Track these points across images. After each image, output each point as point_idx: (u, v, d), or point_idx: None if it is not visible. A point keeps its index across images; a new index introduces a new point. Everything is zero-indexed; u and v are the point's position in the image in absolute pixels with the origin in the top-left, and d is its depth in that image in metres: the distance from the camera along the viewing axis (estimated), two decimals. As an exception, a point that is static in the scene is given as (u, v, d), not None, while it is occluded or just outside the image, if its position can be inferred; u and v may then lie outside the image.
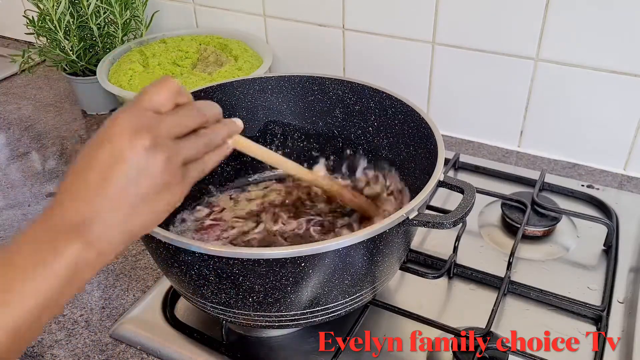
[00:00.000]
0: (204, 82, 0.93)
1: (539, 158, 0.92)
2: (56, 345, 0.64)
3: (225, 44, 1.06)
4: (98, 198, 0.39)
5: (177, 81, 0.44)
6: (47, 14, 1.00)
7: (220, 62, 1.03)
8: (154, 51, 1.04)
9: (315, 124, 0.77)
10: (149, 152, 0.40)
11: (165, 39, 1.09)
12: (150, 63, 1.02)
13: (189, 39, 1.08)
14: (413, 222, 0.51)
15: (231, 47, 1.04)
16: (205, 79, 0.96)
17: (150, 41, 1.09)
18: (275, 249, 0.48)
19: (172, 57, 1.03)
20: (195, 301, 0.58)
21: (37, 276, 0.38)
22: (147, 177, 0.40)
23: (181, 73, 1.00)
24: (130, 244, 0.44)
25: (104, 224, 0.40)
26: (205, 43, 1.07)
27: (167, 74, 0.99)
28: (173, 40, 1.08)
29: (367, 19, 0.95)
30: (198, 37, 1.09)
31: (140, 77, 0.98)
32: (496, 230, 0.78)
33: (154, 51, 1.04)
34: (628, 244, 0.74)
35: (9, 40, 1.45)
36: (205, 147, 0.45)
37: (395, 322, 0.65)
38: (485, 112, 0.94)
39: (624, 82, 0.81)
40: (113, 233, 0.40)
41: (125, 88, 0.96)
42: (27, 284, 0.38)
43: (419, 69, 0.95)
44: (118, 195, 0.40)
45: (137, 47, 1.07)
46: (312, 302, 0.54)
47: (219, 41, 1.07)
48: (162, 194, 0.41)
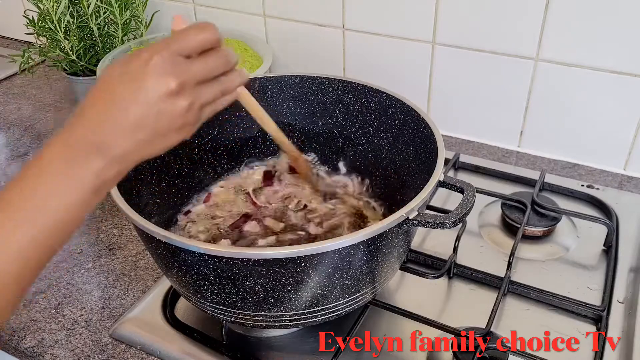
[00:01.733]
0: None
1: (539, 158, 0.92)
2: (56, 345, 0.64)
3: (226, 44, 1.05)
4: (121, 127, 0.42)
5: (216, 29, 0.45)
6: (47, 14, 1.00)
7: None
8: None
9: (315, 124, 0.77)
10: (173, 97, 0.42)
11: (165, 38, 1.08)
12: None
13: None
14: (413, 222, 0.51)
15: (231, 47, 1.04)
16: None
17: (151, 41, 1.08)
18: (275, 249, 0.48)
19: None
20: (195, 301, 0.58)
21: (69, 187, 0.41)
22: (167, 117, 0.43)
23: None
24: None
25: (123, 149, 0.42)
26: None
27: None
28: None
29: (367, 19, 0.95)
30: None
31: None
32: (496, 230, 0.78)
33: None
34: (628, 244, 0.74)
35: (9, 40, 1.45)
36: (221, 93, 0.47)
37: (395, 322, 0.65)
38: (485, 112, 0.94)
39: (624, 82, 0.81)
40: (129, 157, 0.43)
41: None
42: (59, 195, 0.41)
43: (419, 69, 0.95)
44: (139, 129, 0.42)
45: (137, 47, 1.07)
46: (312, 302, 0.54)
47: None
48: (177, 132, 0.45)
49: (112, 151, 0.42)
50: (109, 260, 0.75)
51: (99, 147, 0.41)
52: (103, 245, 0.78)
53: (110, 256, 0.76)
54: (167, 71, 0.42)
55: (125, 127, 0.42)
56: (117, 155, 0.42)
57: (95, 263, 0.75)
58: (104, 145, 0.41)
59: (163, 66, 0.42)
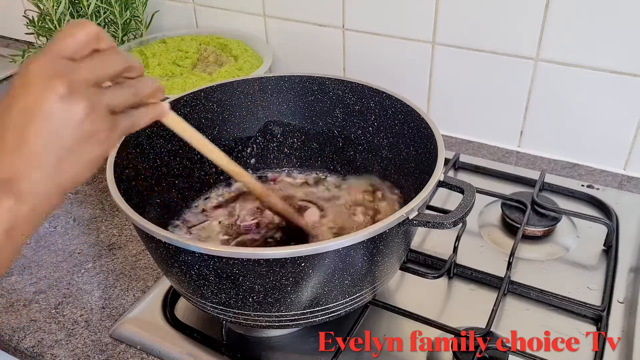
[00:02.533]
0: (204, 82, 0.92)
1: (539, 158, 0.92)
2: (56, 345, 0.64)
3: (225, 44, 1.05)
4: (20, 157, 0.37)
5: (94, 24, 0.40)
6: (47, 14, 1.00)
7: (220, 62, 1.03)
8: (154, 51, 1.04)
9: (315, 124, 0.77)
10: (65, 100, 0.37)
11: (165, 39, 1.09)
12: (150, 63, 1.01)
13: (189, 39, 1.08)
14: (413, 222, 0.51)
15: (231, 47, 1.04)
16: (205, 78, 0.95)
17: (151, 41, 1.09)
18: (275, 249, 0.48)
19: (172, 57, 1.03)
20: (195, 301, 0.58)
21: None
22: (67, 127, 0.38)
23: (181, 73, 1.00)
24: (65, 194, 0.43)
25: (31, 180, 0.38)
26: (205, 43, 1.07)
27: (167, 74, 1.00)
28: (173, 41, 1.08)
29: (367, 19, 0.95)
30: (198, 37, 1.09)
31: None
32: (496, 230, 0.78)
33: (154, 51, 1.04)
34: (628, 243, 0.74)
35: (9, 40, 1.45)
36: (133, 97, 0.42)
37: (395, 322, 0.65)
38: (485, 112, 0.94)
39: (624, 82, 0.81)
40: (42, 188, 0.38)
41: None
42: None
43: (419, 69, 0.95)
44: (40, 150, 0.37)
45: (137, 47, 1.07)
46: (312, 302, 0.54)
47: (219, 41, 1.07)
48: (89, 144, 0.39)
49: (18, 185, 0.37)
50: (109, 260, 0.75)
51: (5, 184, 0.37)
52: (103, 245, 0.78)
53: (110, 256, 0.76)
54: (50, 74, 0.37)
55: (24, 152, 0.37)
56: (25, 189, 0.37)
57: (95, 263, 0.75)
58: (10, 181, 0.37)
59: (44, 70, 0.37)
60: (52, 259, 0.76)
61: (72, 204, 0.86)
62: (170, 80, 0.96)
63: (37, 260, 0.76)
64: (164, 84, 0.94)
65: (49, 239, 0.79)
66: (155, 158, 0.69)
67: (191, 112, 0.72)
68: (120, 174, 0.60)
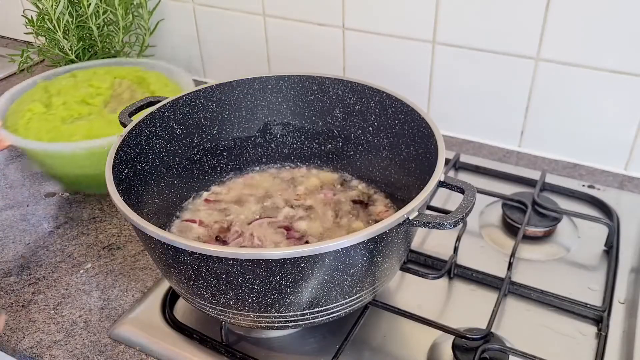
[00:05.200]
0: (113, 127, 0.81)
1: (540, 158, 0.92)
2: (55, 346, 0.64)
3: (144, 78, 0.93)
4: None
5: None
6: (46, 13, 1.00)
7: (135, 98, 0.90)
8: (61, 87, 0.91)
9: (315, 123, 0.77)
10: None
11: (76, 72, 0.96)
12: (53, 102, 0.88)
13: (103, 72, 0.96)
14: (413, 223, 0.51)
15: (150, 81, 0.92)
16: (113, 121, 0.82)
17: (61, 73, 0.96)
18: (275, 250, 0.48)
19: (82, 94, 0.90)
20: (194, 302, 0.57)
21: None
22: None
23: (90, 113, 0.87)
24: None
25: None
26: (120, 77, 0.95)
27: (72, 115, 0.87)
28: (84, 74, 0.95)
29: (367, 19, 0.95)
30: (114, 69, 0.97)
31: (39, 119, 0.83)
32: (497, 231, 0.78)
33: (60, 87, 0.91)
34: (629, 244, 0.74)
35: (7, 40, 1.44)
36: None
37: (395, 322, 0.65)
38: (486, 111, 0.94)
39: (624, 82, 0.81)
40: None
41: (20, 133, 0.81)
42: None
43: (419, 68, 0.95)
44: None
45: (43, 81, 0.94)
46: (311, 303, 0.54)
47: (136, 74, 0.95)
48: None
49: None
50: (108, 261, 0.75)
51: None
52: (102, 246, 0.78)
53: (109, 257, 0.76)
54: None
55: None
56: None
57: (94, 263, 0.75)
58: None
59: None
60: (51, 259, 0.76)
61: (70, 204, 0.86)
62: (74, 124, 0.83)
63: (35, 261, 0.76)
64: (64, 129, 0.81)
65: (48, 239, 0.79)
66: (154, 158, 0.68)
67: (190, 112, 0.72)
68: (119, 174, 0.60)
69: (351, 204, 0.73)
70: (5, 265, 0.75)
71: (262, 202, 0.74)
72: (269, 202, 0.73)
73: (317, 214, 0.71)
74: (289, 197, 0.74)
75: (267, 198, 0.74)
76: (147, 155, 0.67)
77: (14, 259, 0.76)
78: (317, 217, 0.71)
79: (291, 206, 0.72)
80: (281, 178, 0.78)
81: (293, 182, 0.77)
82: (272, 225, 0.70)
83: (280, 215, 0.71)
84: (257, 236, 0.68)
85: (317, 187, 0.76)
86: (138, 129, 0.66)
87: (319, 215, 0.71)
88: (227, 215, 0.72)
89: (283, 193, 0.75)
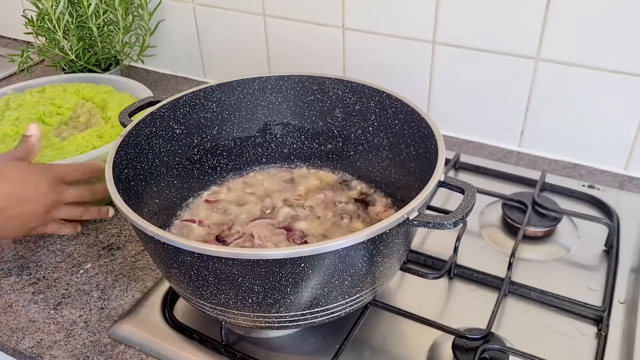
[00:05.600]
0: (54, 152, 0.79)
1: (540, 158, 0.92)
2: (55, 346, 0.64)
3: (107, 101, 0.91)
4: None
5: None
6: (46, 13, 1.00)
7: (89, 124, 0.88)
8: (22, 102, 0.89)
9: (315, 123, 0.77)
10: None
11: (46, 86, 0.95)
12: (6, 116, 0.86)
13: (73, 89, 0.94)
14: (413, 223, 0.51)
15: (111, 106, 0.89)
16: (53, 146, 0.81)
17: (35, 86, 0.95)
18: (275, 250, 0.48)
19: (40, 111, 0.87)
20: (194, 302, 0.57)
21: None
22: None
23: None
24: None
25: None
26: (88, 98, 0.93)
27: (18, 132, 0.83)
28: (53, 90, 0.93)
29: (367, 19, 0.95)
30: (85, 87, 0.94)
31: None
32: (497, 231, 0.78)
33: (21, 102, 0.89)
34: (629, 244, 0.74)
35: (7, 40, 1.44)
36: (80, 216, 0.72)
37: (395, 322, 0.65)
38: (486, 112, 0.94)
39: (624, 82, 0.81)
40: None
41: None
42: None
43: (419, 68, 0.95)
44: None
45: (13, 92, 0.94)
46: (311, 303, 0.54)
47: (103, 96, 0.92)
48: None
49: None
50: (108, 261, 0.75)
51: None
52: (102, 246, 0.78)
53: (109, 256, 0.76)
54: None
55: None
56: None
57: (94, 263, 0.75)
58: None
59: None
60: (51, 259, 0.76)
61: (71, 204, 0.86)
62: (6, 144, 0.80)
63: (35, 261, 0.76)
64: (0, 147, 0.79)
65: (48, 239, 0.79)
66: (154, 158, 0.68)
67: (190, 112, 0.72)
68: (119, 174, 0.60)
69: (351, 204, 0.73)
70: (5, 265, 0.75)
71: (262, 202, 0.74)
72: (269, 202, 0.73)
73: (317, 214, 0.71)
74: (289, 197, 0.74)
75: (267, 198, 0.74)
76: (147, 155, 0.67)
77: (14, 259, 0.76)
78: (317, 217, 0.71)
79: (291, 206, 0.72)
80: (281, 178, 0.78)
81: (293, 182, 0.77)
82: (272, 225, 0.70)
83: (280, 215, 0.71)
84: (257, 236, 0.68)
85: (317, 187, 0.76)
86: (138, 129, 0.66)
87: (319, 215, 0.71)
88: (227, 215, 0.72)
89: (283, 193, 0.75)
